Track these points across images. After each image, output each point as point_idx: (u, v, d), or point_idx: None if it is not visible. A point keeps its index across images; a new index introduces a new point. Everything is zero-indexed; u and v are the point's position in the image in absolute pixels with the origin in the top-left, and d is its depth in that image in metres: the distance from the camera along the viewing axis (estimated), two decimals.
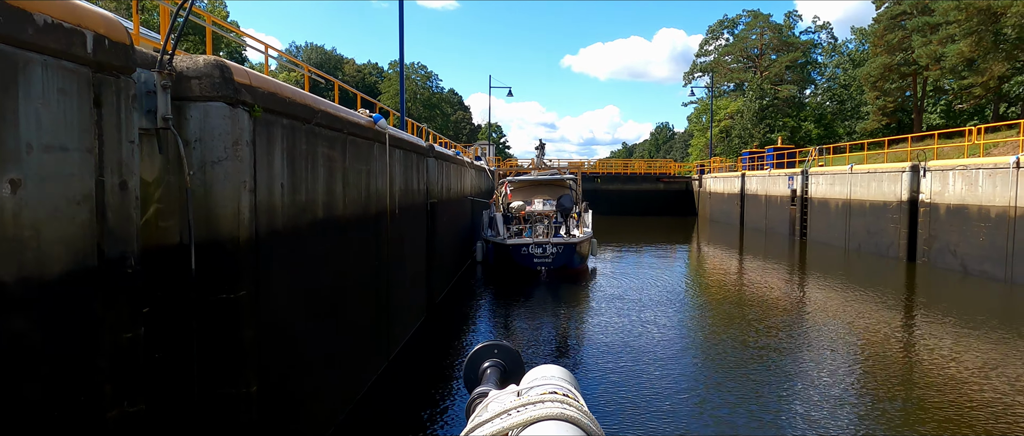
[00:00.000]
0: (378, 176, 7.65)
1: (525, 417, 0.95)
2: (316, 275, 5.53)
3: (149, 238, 3.58)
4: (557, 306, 12.84)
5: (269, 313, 4.49)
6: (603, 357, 8.95)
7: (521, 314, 12.02)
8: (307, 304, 5.35)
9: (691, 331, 10.67)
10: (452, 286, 14.71)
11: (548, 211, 17.23)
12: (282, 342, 4.77)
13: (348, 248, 6.45)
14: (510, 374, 1.37)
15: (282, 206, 4.73)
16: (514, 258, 15.29)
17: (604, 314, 11.64)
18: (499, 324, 11.44)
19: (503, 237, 15.88)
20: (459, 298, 13.66)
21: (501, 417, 0.98)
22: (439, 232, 12.51)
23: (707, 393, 7.50)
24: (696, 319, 11.59)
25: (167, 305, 3.77)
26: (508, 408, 0.99)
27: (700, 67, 63.59)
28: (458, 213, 16.43)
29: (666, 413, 6.87)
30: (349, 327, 6.55)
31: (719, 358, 9.03)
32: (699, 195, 43.32)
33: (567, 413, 0.96)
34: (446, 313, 11.98)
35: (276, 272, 4.64)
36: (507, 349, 1.42)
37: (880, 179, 20.73)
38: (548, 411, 0.96)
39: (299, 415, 5.18)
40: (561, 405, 0.98)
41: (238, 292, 4.04)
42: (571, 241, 15.59)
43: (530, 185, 19.00)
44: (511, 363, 1.40)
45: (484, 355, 1.41)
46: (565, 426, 0.94)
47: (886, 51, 38.81)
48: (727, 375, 8.20)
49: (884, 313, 11.87)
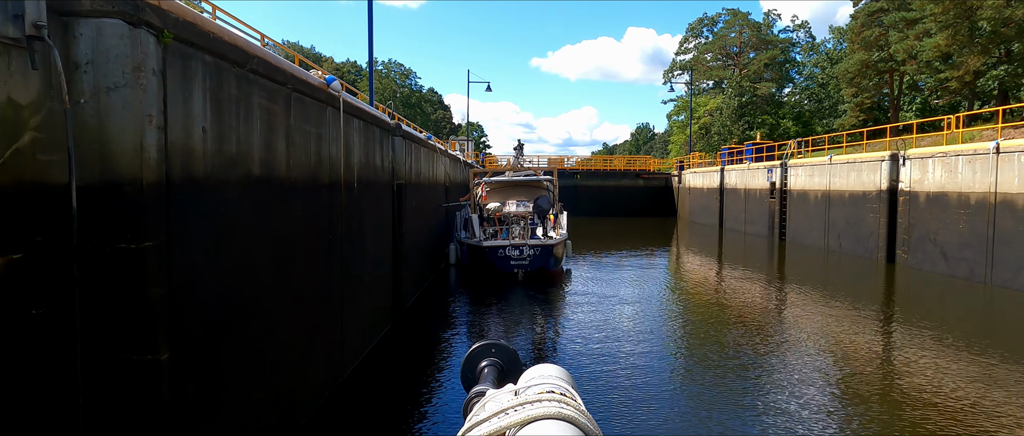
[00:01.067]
0: (331, 143, 7.10)
1: (523, 416, 0.95)
2: (252, 242, 4.98)
3: (22, 172, 3.02)
4: (546, 311, 12.36)
5: (187, 272, 3.94)
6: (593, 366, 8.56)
7: (510, 322, 11.45)
8: (241, 275, 4.79)
9: (669, 350, 9.92)
10: (424, 290, 14.14)
11: (525, 212, 16.79)
12: (207, 310, 4.22)
13: (292, 217, 5.90)
14: (507, 373, 1.37)
15: (204, 153, 4.17)
16: (490, 260, 14.88)
17: (585, 324, 11.02)
18: (486, 337, 10.72)
19: (479, 239, 15.42)
20: (432, 304, 13.04)
21: (499, 416, 0.98)
22: (408, 219, 11.96)
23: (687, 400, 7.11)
24: (672, 339, 10.71)
25: (52, 254, 3.21)
26: (506, 407, 0.99)
27: (679, 65, 63.68)
28: (430, 204, 15.89)
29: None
30: (296, 305, 5.99)
31: (697, 376, 8.53)
32: (679, 191, 43.16)
33: (565, 412, 0.96)
34: (417, 321, 11.29)
35: (197, 228, 4.09)
36: (504, 348, 1.41)
37: (859, 169, 20.57)
38: (546, 410, 0.95)
39: (232, 395, 4.62)
40: (559, 404, 0.98)
41: (141, 242, 3.49)
42: (548, 243, 15.17)
43: (506, 186, 18.54)
44: (508, 362, 1.40)
45: (482, 354, 1.41)
46: (563, 425, 0.93)
47: (863, 48, 38.98)
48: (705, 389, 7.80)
49: (866, 328, 10.97)
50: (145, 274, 3.53)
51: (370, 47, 16.73)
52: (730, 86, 53.87)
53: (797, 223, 25.19)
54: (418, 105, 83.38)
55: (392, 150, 10.82)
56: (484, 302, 13.21)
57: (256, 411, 5.05)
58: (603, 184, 44.40)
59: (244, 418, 4.84)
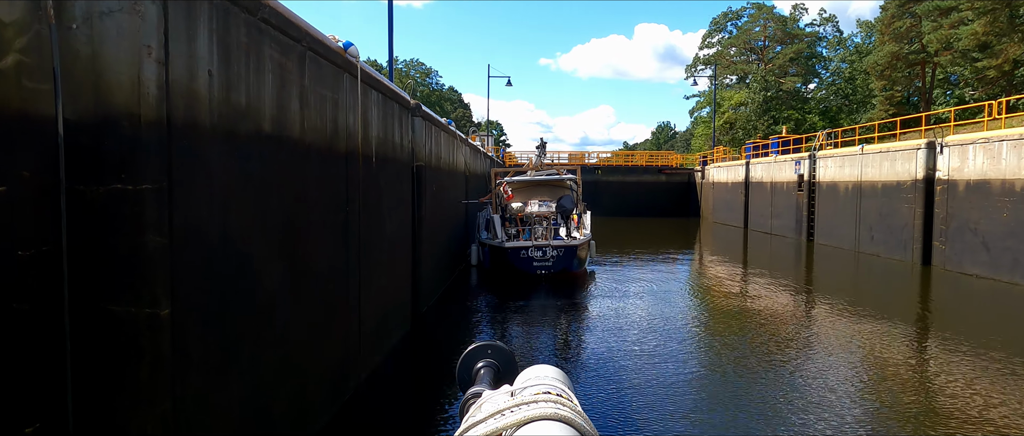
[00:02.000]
0: (348, 112, 6.82)
1: (519, 417, 0.95)
2: (263, 203, 4.70)
3: (6, 98, 2.75)
4: (570, 317, 11.94)
5: (190, 224, 3.66)
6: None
7: (532, 326, 11.09)
8: (251, 236, 4.51)
9: (698, 359, 9.28)
10: (446, 289, 13.83)
11: (547, 213, 16.41)
12: (213, 269, 3.94)
13: (306, 184, 5.62)
14: (504, 374, 1.36)
15: (210, 99, 3.89)
16: (512, 262, 14.54)
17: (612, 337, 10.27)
18: (525, 352, 9.78)
19: (500, 239, 15.08)
20: (453, 307, 12.67)
21: (495, 417, 0.98)
22: (428, 204, 11.67)
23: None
24: (701, 349, 9.99)
25: (42, 192, 2.94)
26: (502, 408, 1.00)
27: (702, 60, 62.78)
28: (451, 192, 15.61)
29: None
30: (310, 279, 5.71)
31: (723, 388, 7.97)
32: (702, 186, 42.44)
33: (561, 413, 0.96)
34: (437, 326, 10.90)
35: (202, 178, 3.80)
36: (500, 349, 1.40)
37: (893, 158, 19.87)
38: (542, 411, 0.96)
39: (243, 368, 4.34)
40: (555, 405, 0.98)
41: (139, 184, 3.21)
42: (572, 244, 14.80)
43: (529, 185, 18.11)
44: (505, 363, 1.39)
45: (478, 355, 1.40)
46: (559, 426, 0.93)
47: (893, 39, 37.96)
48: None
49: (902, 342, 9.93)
50: (143, 219, 3.25)
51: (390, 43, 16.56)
52: (755, 80, 52.93)
53: (826, 216, 24.48)
54: (438, 103, 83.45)
55: (412, 130, 10.54)
56: (506, 305, 12.86)
57: (269, 388, 4.77)
58: (624, 180, 43.83)
59: (257, 394, 4.56)
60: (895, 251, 19.61)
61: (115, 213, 3.17)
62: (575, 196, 17.31)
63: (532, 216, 16.44)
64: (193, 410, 3.72)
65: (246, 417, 4.44)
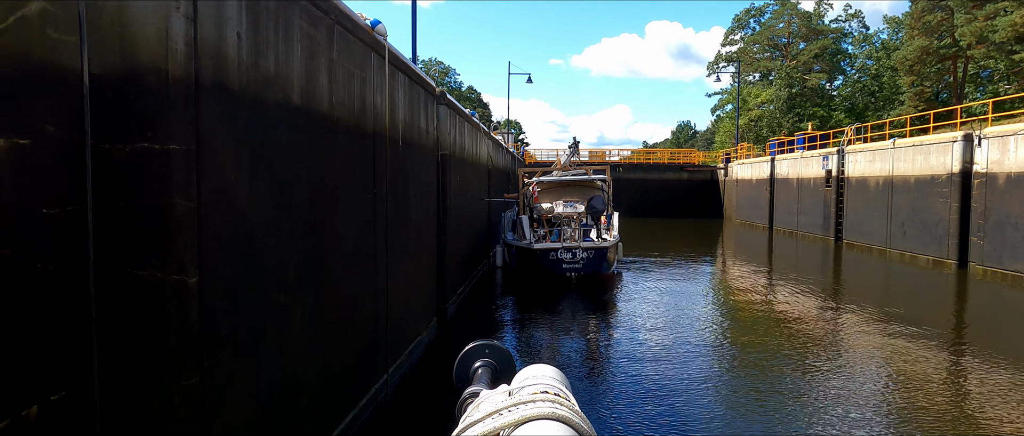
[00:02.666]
0: (376, 92, 6.66)
1: (516, 417, 0.94)
2: (290, 174, 4.54)
3: (29, 46, 2.60)
4: (609, 325, 11.68)
5: (218, 189, 3.50)
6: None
7: (564, 330, 10.83)
8: (279, 207, 4.35)
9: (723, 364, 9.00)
10: (468, 293, 13.60)
11: (576, 213, 16.02)
12: (240, 236, 3.78)
13: (334, 160, 5.46)
14: (501, 374, 1.36)
15: (239, 63, 3.74)
16: (541, 263, 14.22)
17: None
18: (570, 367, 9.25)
19: (529, 241, 14.75)
20: (479, 311, 12.43)
21: (492, 417, 0.98)
22: (452, 196, 11.50)
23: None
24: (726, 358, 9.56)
25: (65, 147, 2.79)
26: (499, 408, 0.99)
27: (725, 57, 62.01)
28: (474, 184, 15.43)
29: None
30: (338, 256, 5.55)
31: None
32: (725, 184, 41.84)
33: (559, 412, 0.95)
34: (463, 325, 10.68)
35: (230, 143, 3.65)
36: (498, 349, 1.40)
37: (927, 151, 19.31)
38: (539, 410, 0.95)
39: (271, 345, 4.18)
40: (553, 404, 0.97)
41: (166, 144, 3.05)
42: (602, 245, 14.46)
43: (557, 185, 17.71)
44: (502, 363, 1.39)
45: (475, 355, 1.40)
46: (557, 425, 0.93)
47: (924, 33, 37.06)
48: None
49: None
50: (170, 181, 3.09)
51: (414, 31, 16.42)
52: (778, 77, 52.12)
53: (855, 213, 23.91)
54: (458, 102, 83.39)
55: (437, 118, 10.38)
56: (536, 308, 12.67)
57: (296, 372, 4.61)
58: (646, 177, 43.38)
59: (283, 376, 4.40)
60: (929, 248, 19.05)
61: (141, 173, 3.02)
62: (605, 197, 16.91)
63: (560, 217, 16.06)
64: (221, 388, 3.56)
65: (274, 400, 4.28)
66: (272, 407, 4.27)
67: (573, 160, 20.93)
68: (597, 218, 15.90)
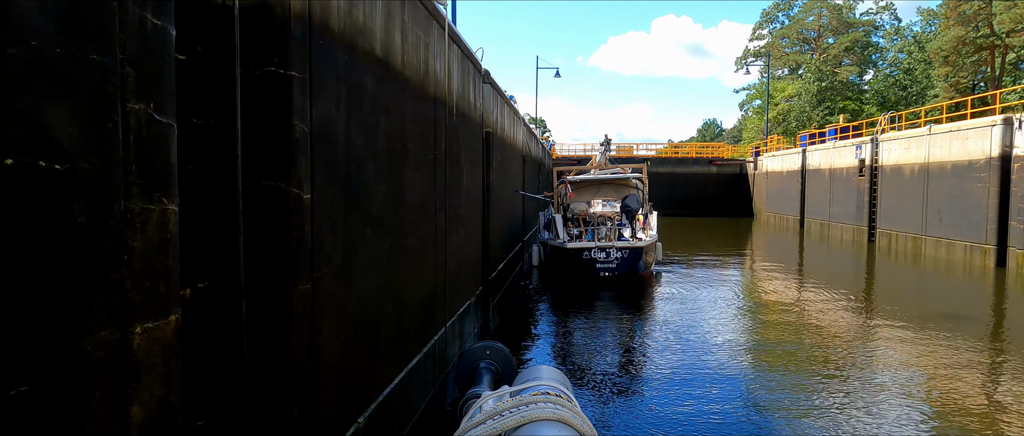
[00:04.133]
0: (437, 59, 7.02)
1: (518, 418, 1.05)
2: (372, 119, 4.91)
3: None
4: (634, 323, 11.77)
5: (323, 118, 3.87)
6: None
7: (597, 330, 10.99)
8: (363, 145, 4.71)
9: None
10: (504, 291, 13.80)
11: (612, 213, 15.99)
12: (338, 164, 4.15)
13: (404, 115, 5.82)
14: (503, 375, 1.45)
15: (338, 8, 4.10)
16: (575, 263, 14.22)
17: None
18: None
19: (563, 240, 14.76)
20: (519, 310, 12.56)
21: (494, 418, 1.09)
22: (495, 173, 11.85)
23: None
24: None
25: (211, 64, 3.17)
26: (501, 409, 1.10)
27: (752, 52, 61.58)
28: (512, 168, 15.76)
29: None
30: (406, 207, 5.91)
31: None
32: (754, 178, 41.63)
33: (560, 414, 1.06)
34: (509, 331, 10.81)
35: (331, 79, 4.02)
36: (499, 350, 1.48)
37: (965, 137, 19.16)
38: (541, 412, 1.06)
39: (359, 268, 4.54)
40: (554, 405, 1.08)
41: (288, 69, 3.42)
42: (637, 245, 14.38)
43: (592, 184, 17.59)
44: (503, 364, 1.48)
45: (477, 356, 1.47)
46: (558, 427, 0.98)
47: (960, 23, 36.50)
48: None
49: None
50: (291, 105, 3.46)
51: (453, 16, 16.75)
52: (808, 71, 51.62)
53: (890, 202, 23.75)
54: None
55: (482, 95, 10.73)
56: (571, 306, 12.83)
57: (376, 305, 4.98)
58: (674, 171, 43.34)
59: (364, 308, 4.75)
60: (966, 234, 18.90)
61: (268, 95, 3.38)
62: (641, 195, 16.69)
63: (595, 216, 15.97)
64: (324, 300, 3.93)
65: (359, 329, 4.64)
66: (357, 334, 4.63)
67: (608, 155, 20.70)
68: (632, 217, 15.70)
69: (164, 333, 2.43)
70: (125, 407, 2.22)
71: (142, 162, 2.28)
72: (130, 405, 2.24)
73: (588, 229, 15.57)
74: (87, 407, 2.02)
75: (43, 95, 1.85)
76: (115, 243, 2.14)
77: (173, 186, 2.48)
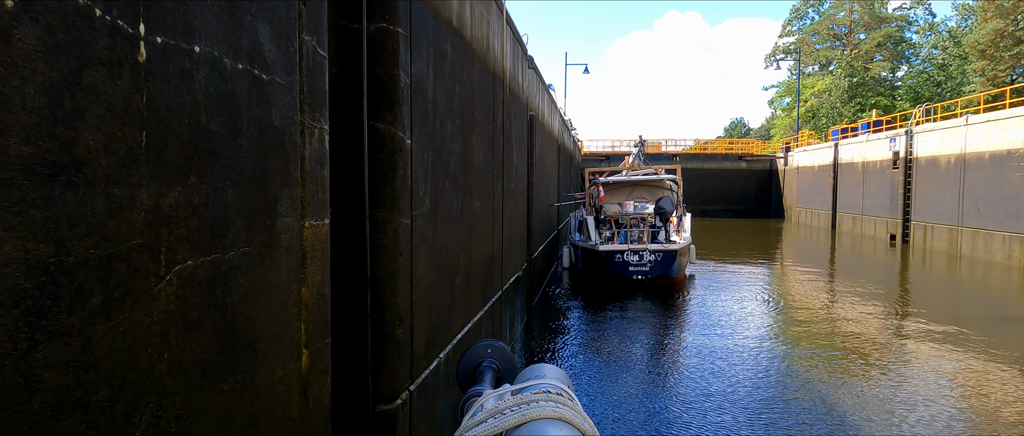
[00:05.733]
0: (495, 37, 7.46)
1: (519, 417, 0.94)
2: (449, 83, 5.35)
3: None
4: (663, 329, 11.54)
5: (418, 75, 4.32)
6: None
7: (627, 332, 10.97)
8: (443, 106, 5.16)
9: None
10: (543, 291, 13.90)
11: (645, 214, 15.74)
12: (428, 120, 4.60)
13: (472, 86, 6.26)
14: (504, 374, 1.37)
15: None
16: (607, 266, 14.21)
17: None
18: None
19: (595, 242, 14.72)
20: (558, 308, 12.70)
21: (495, 417, 0.97)
22: (537, 155, 12.26)
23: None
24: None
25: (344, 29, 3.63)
26: (502, 408, 0.99)
27: (783, 49, 61.09)
28: (549, 157, 16.13)
29: None
30: (473, 172, 6.35)
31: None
32: (785, 173, 41.43)
33: (561, 413, 0.95)
34: (549, 329, 10.97)
35: (425, 37, 4.46)
36: (500, 349, 1.42)
37: (1003, 126, 19.06)
38: (542, 411, 0.95)
39: (440, 217, 4.98)
40: (555, 404, 0.97)
41: (395, 25, 3.87)
42: (671, 248, 14.28)
43: (625, 185, 17.29)
44: (504, 363, 1.40)
45: (478, 355, 1.41)
46: (560, 425, 0.93)
47: (998, 15, 35.93)
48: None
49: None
50: (397, 56, 3.90)
51: None
52: (839, 66, 51.11)
53: (925, 194, 23.63)
54: None
55: (528, 80, 11.15)
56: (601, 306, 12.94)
57: (451, 259, 5.42)
58: (703, 167, 43.33)
59: (440, 262, 5.17)
60: (1004, 223, 18.80)
61: (379, 49, 3.84)
62: (675, 197, 16.46)
63: (628, 218, 15.70)
64: (420, 238, 4.37)
65: (441, 271, 5.08)
66: (440, 275, 5.08)
67: (641, 161, 19.79)
68: (665, 219, 15.38)
69: (321, 232, 2.90)
70: (298, 286, 2.68)
71: (309, 85, 2.75)
72: (302, 285, 2.70)
73: (621, 231, 15.33)
74: (279, 277, 2.48)
75: (257, 16, 2.31)
76: (295, 147, 2.61)
77: (325, 109, 2.95)
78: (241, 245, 2.22)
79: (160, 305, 1.79)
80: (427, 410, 4.61)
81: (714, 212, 41.27)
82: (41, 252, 1.43)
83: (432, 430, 4.77)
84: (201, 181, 1.97)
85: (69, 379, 1.50)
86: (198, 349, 1.96)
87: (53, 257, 1.46)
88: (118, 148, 1.63)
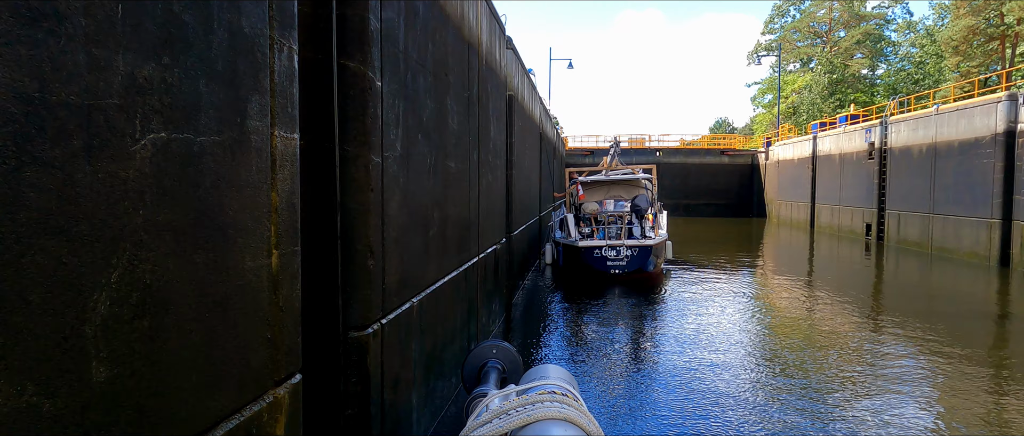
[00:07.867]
0: (470, 6, 7.66)
1: (524, 417, 0.92)
2: (424, 44, 5.54)
3: None
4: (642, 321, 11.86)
5: (388, 18, 4.51)
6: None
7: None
8: (418, 62, 5.35)
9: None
10: (525, 283, 14.19)
11: (621, 212, 16.58)
12: (400, 72, 4.79)
13: (446, 50, 6.45)
14: (509, 374, 1.33)
15: None
16: (586, 261, 14.90)
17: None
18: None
19: (574, 239, 15.46)
20: (541, 311, 12.94)
21: (500, 417, 0.95)
22: (517, 136, 12.46)
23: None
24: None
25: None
26: (507, 408, 0.97)
27: (764, 46, 61.87)
28: (529, 143, 16.35)
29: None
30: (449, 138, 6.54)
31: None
32: (766, 168, 42.04)
33: (566, 413, 0.93)
34: (530, 330, 11.07)
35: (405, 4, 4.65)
36: (505, 349, 1.38)
37: (970, 115, 19.59)
38: (547, 411, 0.92)
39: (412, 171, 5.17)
40: (560, 405, 0.95)
41: None
42: (647, 243, 14.98)
43: (603, 184, 18.20)
44: (510, 363, 1.37)
45: (483, 355, 1.38)
46: (565, 426, 0.89)
47: (971, 13, 36.77)
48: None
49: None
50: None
51: None
52: (819, 63, 51.91)
53: (899, 183, 24.17)
54: None
55: (505, 58, 11.35)
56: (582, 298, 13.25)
57: (423, 213, 5.61)
58: (687, 162, 43.86)
59: (419, 204, 5.36)
60: (972, 209, 19.33)
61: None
62: (650, 195, 17.34)
63: (606, 215, 16.57)
64: (390, 179, 4.56)
65: (414, 215, 5.27)
66: (413, 221, 5.26)
67: (617, 161, 20.31)
68: (641, 216, 16.20)
69: (291, 145, 3.08)
70: (268, 189, 2.86)
71: (277, 5, 2.92)
72: (272, 189, 2.89)
73: (599, 228, 16.13)
74: (249, 175, 2.67)
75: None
76: (265, 57, 2.79)
77: (294, 32, 3.13)
78: (212, 134, 2.40)
79: (136, 165, 1.97)
80: (400, 347, 4.79)
81: (697, 206, 41.83)
82: (27, 85, 1.62)
83: (405, 370, 4.96)
84: (174, 63, 2.16)
85: (52, 205, 1.68)
86: (171, 216, 2.15)
87: (37, 92, 1.64)
88: (96, 12, 1.82)
